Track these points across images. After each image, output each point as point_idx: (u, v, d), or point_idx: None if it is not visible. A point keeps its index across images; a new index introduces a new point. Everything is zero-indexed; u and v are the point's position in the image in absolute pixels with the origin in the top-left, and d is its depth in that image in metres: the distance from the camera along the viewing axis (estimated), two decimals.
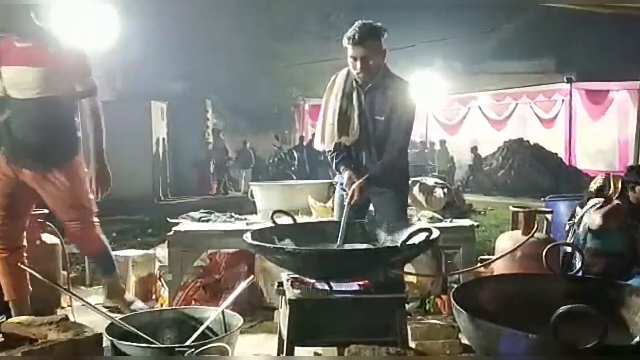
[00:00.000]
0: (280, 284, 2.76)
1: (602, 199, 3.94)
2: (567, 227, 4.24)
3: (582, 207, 4.10)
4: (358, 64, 3.40)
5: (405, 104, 3.52)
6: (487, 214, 11.60)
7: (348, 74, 3.55)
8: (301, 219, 3.79)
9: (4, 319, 3.42)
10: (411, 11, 22.59)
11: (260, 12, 19.58)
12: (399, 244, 2.41)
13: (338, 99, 3.51)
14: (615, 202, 3.86)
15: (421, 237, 2.47)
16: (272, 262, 2.80)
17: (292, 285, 2.66)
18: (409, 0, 22.28)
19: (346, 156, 3.57)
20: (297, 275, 2.69)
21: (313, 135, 3.88)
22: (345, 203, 3.31)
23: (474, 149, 18.73)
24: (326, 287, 2.57)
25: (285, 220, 3.22)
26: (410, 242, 2.43)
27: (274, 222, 3.09)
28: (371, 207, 3.81)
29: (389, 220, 3.25)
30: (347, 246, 2.94)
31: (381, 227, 3.01)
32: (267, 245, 2.53)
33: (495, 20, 22.55)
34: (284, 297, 2.70)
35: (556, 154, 17.18)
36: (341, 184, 3.64)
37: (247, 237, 2.69)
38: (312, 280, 2.64)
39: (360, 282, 2.63)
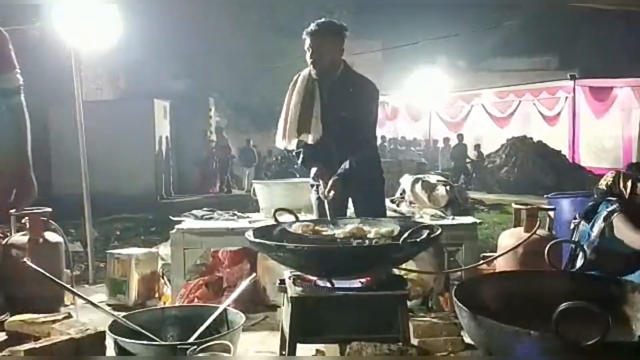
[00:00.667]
0: (282, 281, 2.77)
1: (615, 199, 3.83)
2: (572, 226, 4.20)
3: (594, 207, 3.97)
4: (309, 54, 3.49)
5: (369, 100, 3.59)
6: (491, 212, 11.59)
7: (309, 74, 3.61)
8: (303, 216, 3.79)
9: (8, 316, 3.43)
10: (414, 8, 22.58)
11: (263, 10, 19.59)
12: (400, 241, 2.41)
13: (300, 97, 3.57)
14: None
15: (423, 234, 2.47)
16: (274, 260, 2.80)
17: (294, 282, 2.66)
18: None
19: (312, 153, 3.61)
20: (299, 273, 2.69)
21: None
22: (321, 196, 3.36)
23: (477, 147, 18.70)
24: (328, 285, 2.58)
25: (287, 218, 3.23)
26: (412, 239, 2.43)
27: (276, 220, 3.11)
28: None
29: (368, 216, 3.29)
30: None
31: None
32: (268, 242, 2.52)
33: (498, 18, 22.51)
34: (285, 294, 2.70)
35: (559, 151, 17.13)
36: (313, 185, 3.72)
37: (249, 235, 2.69)
38: (314, 278, 2.64)
39: (362, 279, 2.63)
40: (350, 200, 3.80)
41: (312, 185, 3.80)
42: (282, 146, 3.73)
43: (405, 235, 2.42)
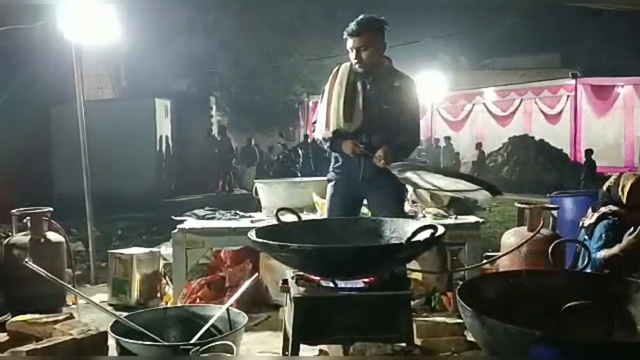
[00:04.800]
0: (285, 281, 2.75)
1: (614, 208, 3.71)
2: (580, 224, 4.16)
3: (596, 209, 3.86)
4: (353, 54, 3.55)
5: (413, 97, 3.66)
6: (492, 211, 11.55)
7: (351, 66, 3.65)
8: (306, 216, 3.77)
9: (9, 317, 3.42)
10: (417, 7, 22.54)
11: (264, 8, 19.55)
12: (403, 241, 2.40)
13: (343, 86, 3.60)
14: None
15: (426, 234, 2.45)
16: (277, 260, 2.79)
17: (296, 282, 2.64)
18: None
19: (345, 139, 3.63)
20: (302, 273, 2.68)
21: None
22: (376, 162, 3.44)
23: (478, 145, 18.66)
24: (331, 285, 2.56)
25: (289, 217, 3.21)
26: (416, 239, 2.41)
27: (278, 219, 3.08)
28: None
29: (386, 215, 3.30)
30: None
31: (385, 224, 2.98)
32: (271, 242, 2.50)
33: (499, 16, 22.50)
34: (288, 294, 2.69)
35: (561, 150, 17.11)
36: (331, 180, 3.72)
37: (252, 234, 2.67)
38: (317, 278, 2.62)
39: (366, 279, 2.61)
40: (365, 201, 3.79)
41: (329, 180, 3.78)
42: (321, 136, 3.72)
43: (409, 234, 2.41)
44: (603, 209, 3.64)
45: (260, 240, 2.57)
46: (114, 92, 16.89)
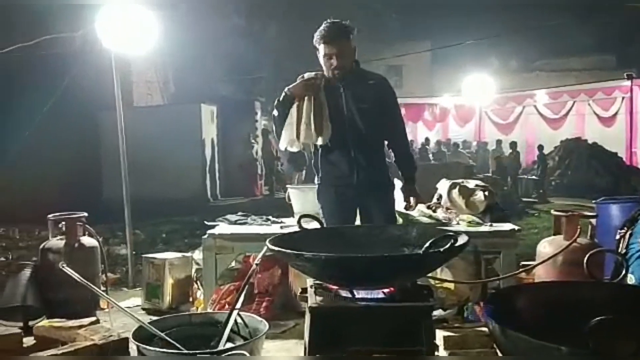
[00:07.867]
0: (304, 290, 2.70)
1: None
2: (617, 236, 3.96)
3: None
4: (333, 61, 3.48)
5: (391, 93, 3.67)
6: (541, 217, 11.22)
7: (315, 77, 3.59)
8: None
9: (44, 319, 3.49)
10: (465, 8, 22.23)
11: (310, 13, 19.60)
12: (421, 251, 2.31)
13: (311, 99, 3.52)
14: None
15: (446, 243, 2.35)
16: (295, 269, 2.73)
17: (315, 292, 2.58)
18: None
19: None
20: (320, 282, 2.62)
21: None
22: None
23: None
24: (349, 295, 2.49)
25: (313, 224, 3.16)
26: (435, 249, 2.32)
27: (300, 226, 3.04)
28: None
29: (379, 220, 3.38)
30: None
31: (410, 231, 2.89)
32: (286, 250, 2.45)
33: (552, 17, 21.95)
34: (306, 303, 2.63)
35: (616, 153, 16.53)
36: (322, 190, 3.67)
37: (269, 242, 2.63)
38: (336, 287, 2.56)
39: (385, 290, 2.53)
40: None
41: (320, 191, 3.73)
42: (287, 146, 3.65)
43: (427, 244, 2.32)
44: None
45: (276, 248, 2.52)
46: (162, 98, 17.19)
